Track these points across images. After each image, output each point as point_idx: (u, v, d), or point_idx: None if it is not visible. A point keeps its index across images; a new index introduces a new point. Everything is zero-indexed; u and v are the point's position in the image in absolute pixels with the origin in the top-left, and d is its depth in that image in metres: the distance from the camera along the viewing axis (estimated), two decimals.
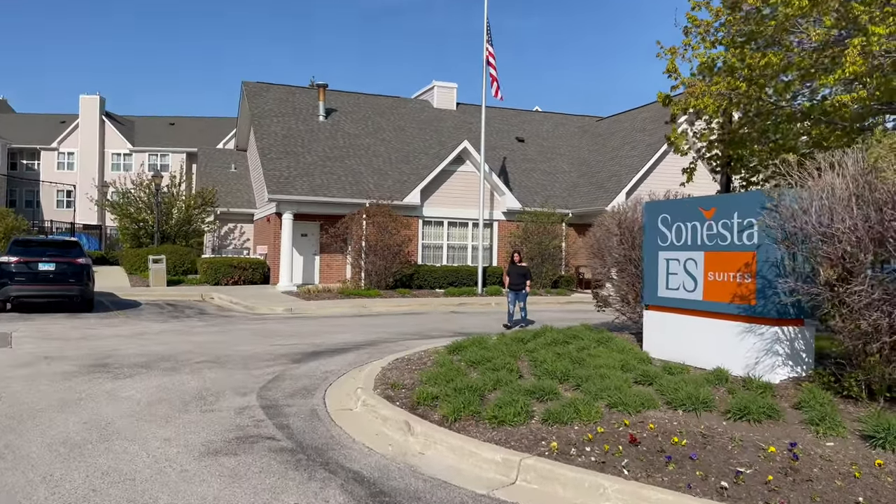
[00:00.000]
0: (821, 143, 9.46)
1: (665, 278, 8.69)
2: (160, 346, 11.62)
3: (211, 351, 11.22)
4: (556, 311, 20.01)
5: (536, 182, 28.41)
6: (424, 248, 25.61)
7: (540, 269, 24.84)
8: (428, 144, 29.35)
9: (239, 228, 30.85)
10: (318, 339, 12.99)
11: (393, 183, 25.76)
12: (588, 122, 35.46)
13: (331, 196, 24.03)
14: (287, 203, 23.62)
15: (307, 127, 28.35)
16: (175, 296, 21.97)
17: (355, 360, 10.52)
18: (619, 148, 28.33)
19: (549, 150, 31.82)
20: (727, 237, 7.73)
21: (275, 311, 18.37)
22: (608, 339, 9.53)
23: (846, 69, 6.59)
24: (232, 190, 31.36)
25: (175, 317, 16.75)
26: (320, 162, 26.04)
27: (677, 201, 8.85)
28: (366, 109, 31.14)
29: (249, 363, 10.12)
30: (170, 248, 27.21)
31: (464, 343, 9.67)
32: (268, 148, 26.05)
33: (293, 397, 7.97)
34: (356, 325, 15.61)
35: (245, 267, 25.34)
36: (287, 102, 29.85)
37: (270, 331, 14.22)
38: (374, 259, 22.66)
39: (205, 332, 13.76)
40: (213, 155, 34.56)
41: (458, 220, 26.10)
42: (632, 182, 24.62)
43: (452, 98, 33.52)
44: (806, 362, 7.29)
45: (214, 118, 58.10)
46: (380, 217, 22.76)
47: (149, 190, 30.78)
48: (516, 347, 9.24)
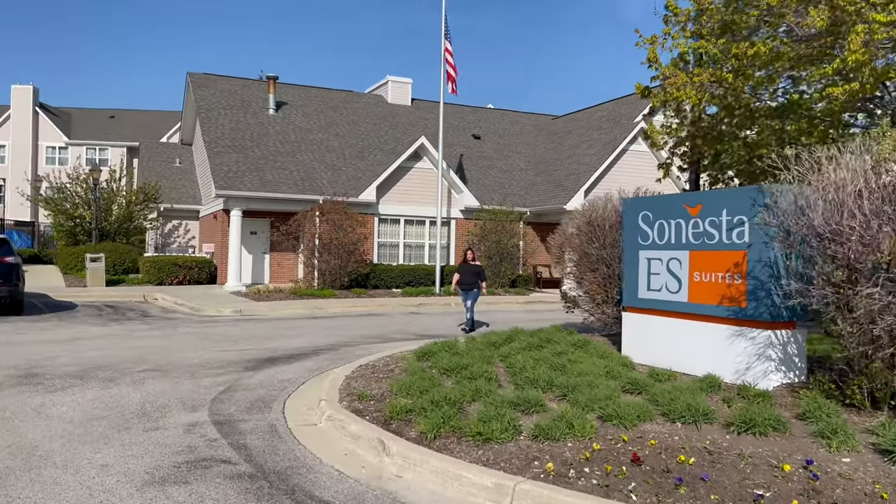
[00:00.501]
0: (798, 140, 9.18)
1: (646, 279, 8.26)
2: (97, 353, 10.66)
3: (155, 358, 10.33)
4: (518, 312, 19.60)
5: (494, 180, 27.99)
6: (380, 246, 24.89)
7: (498, 268, 24.41)
8: (383, 140, 28.60)
9: (184, 226, 29.53)
10: (272, 343, 12.19)
11: (347, 179, 24.95)
12: (543, 121, 35.25)
13: (282, 192, 23.07)
14: (236, 199, 22.57)
15: (257, 120, 27.26)
16: (115, 297, 20.71)
17: (315, 366, 9.80)
18: (577, 146, 28.14)
19: (505, 147, 31.45)
20: (715, 236, 7.33)
21: (223, 312, 17.40)
22: (585, 342, 9.07)
23: (848, 58, 6.27)
24: (176, 185, 30.00)
25: (115, 319, 15.65)
26: (271, 157, 25.03)
27: (660, 198, 8.43)
28: (318, 103, 30.19)
29: (198, 372, 9.29)
30: (109, 246, 25.77)
31: (433, 348, 9.06)
32: (215, 142, 24.90)
33: (249, 411, 7.23)
34: (312, 327, 14.83)
35: (191, 266, 24.15)
36: (235, 95, 28.68)
37: (219, 334, 13.33)
38: (328, 258, 21.83)
39: (147, 337, 12.79)
40: (157, 149, 33.06)
41: (414, 217, 25.45)
42: (590, 180, 24.41)
43: (407, 93, 32.84)
44: (799, 367, 6.94)
45: (158, 111, 55.95)
46: (334, 214, 21.94)
47: (86, 185, 29.16)
48: (490, 352, 8.68)
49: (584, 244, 11.19)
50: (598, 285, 11.39)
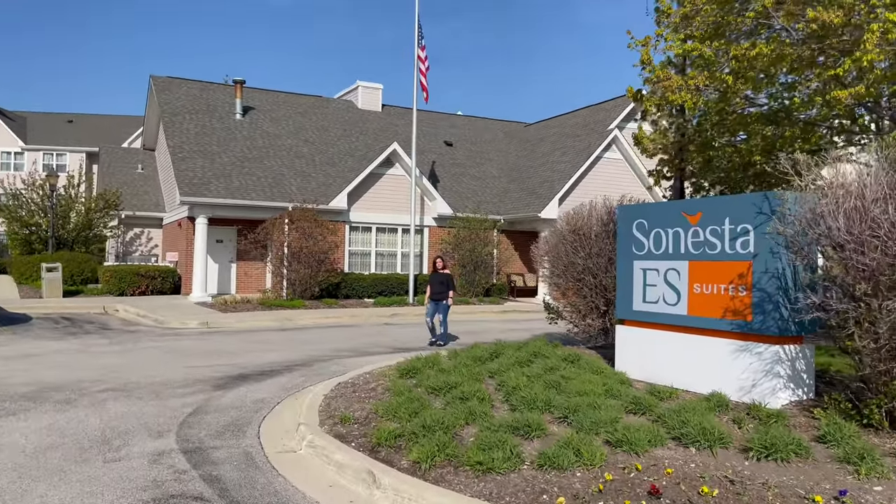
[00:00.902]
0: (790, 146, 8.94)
1: (642, 290, 7.89)
2: (53, 372, 9.91)
3: (116, 376, 9.63)
4: (495, 322, 19.18)
5: (467, 187, 27.60)
6: (352, 255, 24.28)
7: (472, 276, 24.00)
8: (354, 146, 28.02)
9: (146, 234, 28.52)
10: (241, 358, 11.55)
11: (317, 186, 24.31)
12: (515, 128, 35.03)
13: (250, 199, 22.34)
14: (201, 206, 21.78)
15: (223, 125, 26.46)
16: (73, 308, 19.74)
17: (289, 384, 9.22)
18: (550, 154, 27.93)
19: (477, 154, 31.11)
20: (717, 245, 6.99)
21: (188, 325, 16.64)
22: (575, 357, 8.66)
23: (862, 58, 6.00)
24: (138, 192, 29.00)
25: (72, 333, 14.80)
26: (238, 162, 24.27)
27: (656, 205, 8.08)
28: (286, 108, 29.49)
29: (163, 391, 8.65)
30: (67, 255, 24.68)
31: (416, 364, 8.57)
32: (179, 147, 24.05)
33: (221, 436, 6.64)
34: (282, 340, 14.20)
35: (153, 276, 23.23)
36: (200, 99, 27.83)
37: (185, 349, 12.63)
38: (297, 267, 21.16)
39: (108, 353, 12.03)
40: (118, 154, 31.97)
41: (386, 225, 24.90)
42: (565, 187, 24.18)
43: (378, 99, 32.31)
44: (807, 384, 6.62)
45: (119, 116, 54.42)
46: (304, 222, 21.30)
47: (42, 191, 27.98)
48: (477, 369, 8.21)
49: (569, 253, 10.82)
50: (583, 296, 11.03)
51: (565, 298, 11.80)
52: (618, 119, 26.02)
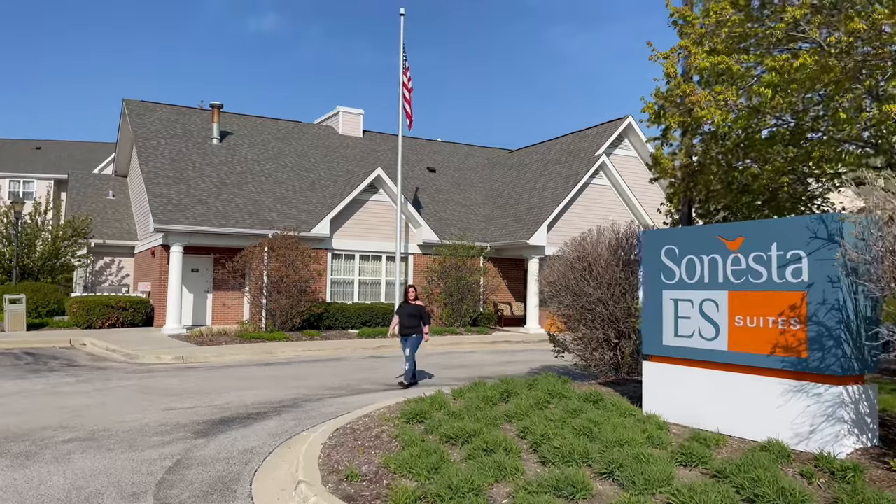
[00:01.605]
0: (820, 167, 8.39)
1: (673, 323, 7.19)
2: (12, 419, 8.88)
3: (84, 422, 8.64)
4: (487, 353, 18.37)
5: (452, 214, 26.93)
6: (334, 283, 23.36)
7: (460, 305, 23.21)
8: (335, 172, 27.26)
9: (117, 263, 27.30)
10: (223, 398, 10.59)
11: (298, 213, 23.45)
12: (498, 154, 34.60)
13: (228, 226, 21.40)
14: (176, 234, 20.77)
15: (199, 150, 25.54)
16: (37, 342, 18.51)
17: (280, 429, 8.32)
18: (536, 180, 27.43)
19: (461, 181, 30.53)
20: (762, 274, 6.32)
21: (163, 359, 15.58)
22: (597, 396, 7.90)
23: None
24: (109, 220, 27.82)
25: (35, 371, 13.68)
26: (215, 188, 23.34)
27: (688, 230, 7.42)
28: (264, 133, 28.68)
29: (138, 440, 7.69)
30: (32, 285, 23.40)
31: (422, 407, 7.74)
32: (154, 172, 23.08)
33: (207, 497, 5.74)
34: (265, 377, 13.24)
35: (125, 307, 22.05)
36: (176, 123, 26.92)
37: (161, 388, 11.63)
38: (278, 297, 20.19)
39: (75, 393, 10.98)
40: (88, 181, 30.77)
41: (370, 253, 24.07)
42: (553, 214, 23.62)
43: (359, 124, 31.68)
44: (871, 429, 5.94)
45: (88, 142, 53.13)
46: (285, 250, 20.38)
47: (7, 219, 26.67)
48: (491, 411, 7.41)
49: (578, 282, 10.12)
50: (593, 328, 10.32)
51: (571, 330, 11.08)
52: (604, 145, 25.66)
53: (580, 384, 10.10)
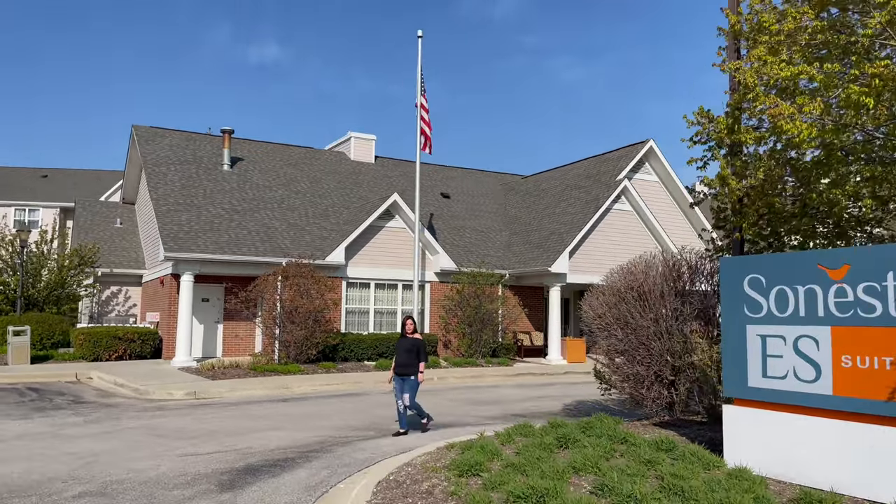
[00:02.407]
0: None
1: (760, 362, 6.39)
2: (14, 466, 8.06)
3: (95, 471, 7.81)
4: (513, 387, 17.47)
5: (468, 241, 26.20)
6: (349, 313, 22.55)
7: (479, 335, 22.37)
8: (348, 199, 26.62)
9: (124, 292, 26.54)
10: (243, 441, 9.75)
11: (312, 240, 22.75)
12: (512, 180, 34.00)
13: (241, 254, 20.68)
14: (187, 262, 20.05)
15: (210, 176, 24.95)
16: (41, 377, 17.69)
17: (312, 480, 7.48)
18: (555, 205, 26.74)
19: (475, 207, 29.87)
20: (875, 307, 5.54)
21: (174, 395, 14.75)
22: (669, 444, 7.07)
23: None
24: (116, 248, 27.13)
25: (40, 409, 12.85)
26: (226, 215, 22.68)
27: (778, 257, 6.65)
28: (275, 160, 28.12)
29: (157, 495, 6.86)
30: (36, 316, 22.63)
31: (474, 458, 6.90)
32: (163, 198, 22.44)
33: None
34: (284, 415, 12.39)
35: (132, 338, 21.25)
36: (186, 149, 26.37)
37: (174, 429, 10.79)
38: (292, 328, 19.38)
39: (83, 436, 10.15)
40: (95, 208, 30.15)
41: (386, 281, 23.30)
42: (575, 240, 22.88)
43: (371, 150, 31.14)
44: None
45: (95, 170, 52.79)
46: (300, 278, 19.63)
47: (12, 247, 26.00)
48: (553, 462, 6.58)
49: (633, 315, 9.32)
50: (647, 364, 9.50)
51: (614, 365, 10.24)
52: (626, 169, 24.99)
53: (633, 424, 9.26)
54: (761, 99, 6.80)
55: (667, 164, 25.76)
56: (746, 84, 7.07)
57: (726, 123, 7.64)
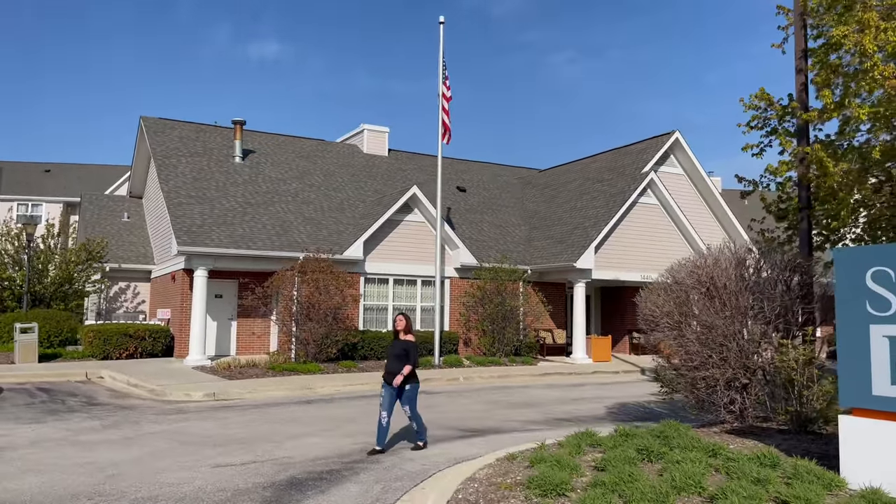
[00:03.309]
0: None
1: (889, 368, 5.61)
2: (32, 479, 7.29)
3: (121, 486, 7.04)
4: (544, 388, 16.70)
5: (487, 235, 25.41)
6: (367, 309, 21.76)
7: (502, 334, 21.60)
8: (363, 192, 25.83)
9: (133, 288, 25.77)
10: (279, 449, 8.99)
11: (328, 234, 21.96)
12: (528, 174, 33.20)
13: (256, 248, 19.89)
14: (201, 257, 19.26)
15: (221, 169, 24.15)
16: (50, 376, 16.92)
17: (365, 498, 6.70)
18: (576, 199, 25.94)
19: (492, 201, 29.07)
20: None
21: (193, 397, 13.99)
22: (772, 459, 6.31)
23: None
24: (124, 243, 26.35)
25: (53, 412, 12.08)
26: (240, 208, 21.89)
27: None
28: (287, 152, 27.31)
29: None
30: (43, 313, 21.86)
31: (552, 472, 6.13)
32: (175, 192, 21.66)
33: None
34: (314, 418, 11.63)
35: (143, 336, 20.48)
36: (196, 141, 25.57)
37: (200, 434, 10.03)
38: (311, 325, 18.60)
39: (102, 443, 9.38)
40: (101, 202, 29.36)
41: (405, 277, 22.52)
42: (601, 234, 22.07)
43: (384, 143, 30.32)
44: None
45: (99, 165, 52.01)
46: (319, 273, 18.84)
47: (18, 242, 25.21)
48: (644, 479, 5.81)
49: (707, 314, 8.54)
50: (720, 366, 8.72)
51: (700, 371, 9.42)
52: (651, 162, 24.18)
53: (705, 432, 8.49)
54: (879, 68, 6.01)
55: (693, 157, 24.95)
56: (864, 51, 6.28)
57: (831, 98, 6.85)
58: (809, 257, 9.66)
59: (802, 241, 10.37)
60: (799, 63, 10.53)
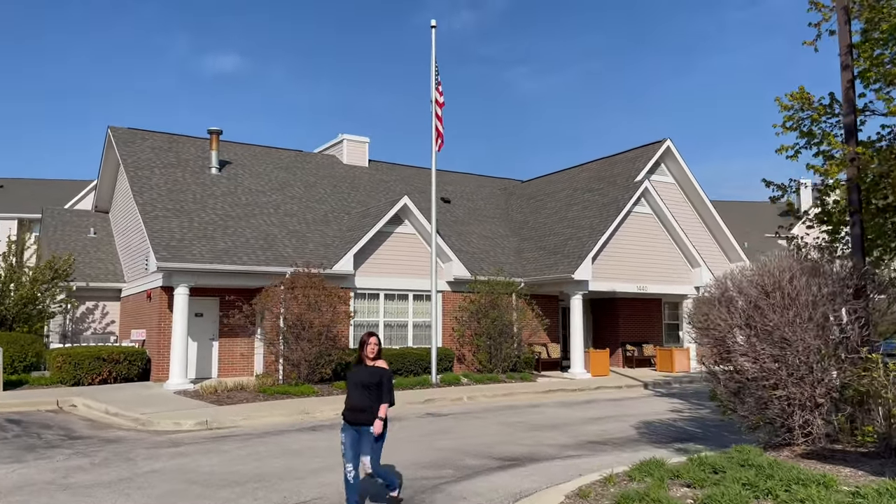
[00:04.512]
0: None
1: None
2: None
3: None
4: (556, 407, 15.88)
5: (477, 247, 24.61)
6: (357, 326, 20.68)
7: (499, 349, 20.79)
8: (347, 204, 24.84)
9: (101, 308, 24.20)
10: (303, 486, 7.98)
11: (315, 247, 20.89)
12: (511, 184, 32.61)
13: (241, 264, 18.72)
14: (182, 273, 18.02)
15: (198, 180, 22.91)
16: (19, 405, 15.44)
17: None
18: (565, 209, 25.34)
19: (477, 212, 28.33)
20: None
21: (183, 426, 12.79)
22: (881, 489, 5.56)
23: None
24: (91, 260, 24.79)
25: (31, 448, 10.79)
26: (221, 221, 20.69)
27: None
28: (265, 163, 26.17)
29: None
30: (6, 336, 20.21)
31: None
32: (150, 204, 20.36)
33: None
34: (327, 449, 10.57)
35: (118, 359, 19.05)
36: (169, 152, 24.27)
37: (206, 472, 8.92)
38: (303, 345, 17.47)
39: (98, 485, 8.22)
40: (64, 217, 27.70)
41: (396, 291, 21.54)
42: (598, 244, 21.47)
43: (364, 153, 29.40)
44: None
45: (56, 180, 49.79)
46: (310, 289, 17.77)
47: None
48: None
49: (779, 326, 7.82)
50: (796, 385, 8.01)
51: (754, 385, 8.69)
52: (643, 170, 23.77)
53: (782, 456, 7.76)
54: None
55: (684, 166, 24.65)
56: None
57: None
58: (863, 264, 9.10)
59: (855, 246, 9.80)
60: (844, 59, 10.01)
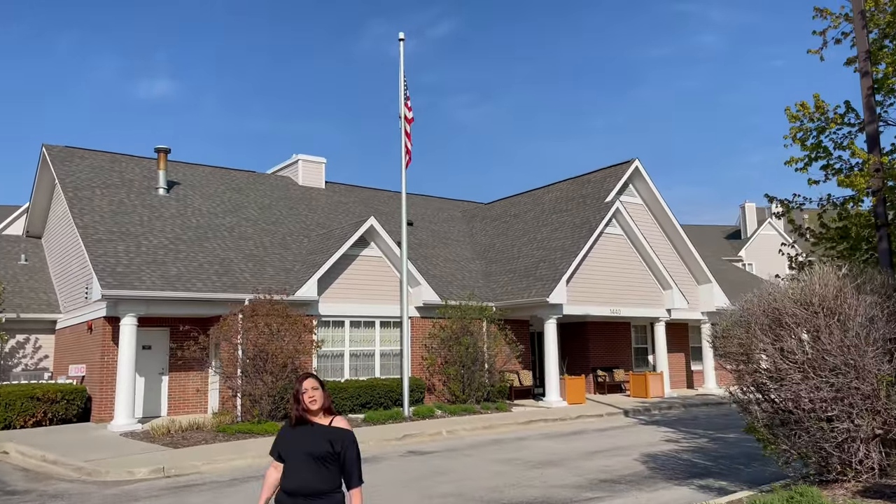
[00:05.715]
0: None
1: None
2: None
3: None
4: (542, 440, 14.85)
5: (443, 270, 23.58)
6: (321, 357, 19.24)
7: (472, 377, 19.68)
8: (306, 226, 23.50)
9: (33, 342, 22.03)
10: None
11: (275, 272, 19.47)
12: (473, 207, 31.81)
13: (196, 290, 17.15)
14: (130, 302, 16.36)
15: (144, 202, 21.22)
16: None
17: None
18: (534, 231, 24.61)
19: (442, 235, 27.36)
20: None
21: (137, 474, 11.21)
22: None
23: None
24: (22, 289, 22.61)
25: None
26: (171, 245, 19.08)
27: None
28: (216, 184, 24.63)
29: None
30: None
31: None
32: (92, 227, 18.62)
33: None
34: None
35: (54, 398, 17.11)
36: (112, 171, 22.51)
37: None
38: (266, 378, 15.98)
39: None
40: None
41: (362, 318, 20.23)
42: (573, 266, 20.71)
43: (321, 174, 28.14)
44: None
45: None
46: (271, 317, 16.36)
47: None
48: None
49: (835, 353, 7.02)
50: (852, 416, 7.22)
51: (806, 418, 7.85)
52: (614, 191, 23.28)
53: (832, 494, 6.93)
54: None
55: (653, 187, 24.30)
56: None
57: None
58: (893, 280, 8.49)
59: (883, 262, 9.18)
60: (863, 65, 9.51)
